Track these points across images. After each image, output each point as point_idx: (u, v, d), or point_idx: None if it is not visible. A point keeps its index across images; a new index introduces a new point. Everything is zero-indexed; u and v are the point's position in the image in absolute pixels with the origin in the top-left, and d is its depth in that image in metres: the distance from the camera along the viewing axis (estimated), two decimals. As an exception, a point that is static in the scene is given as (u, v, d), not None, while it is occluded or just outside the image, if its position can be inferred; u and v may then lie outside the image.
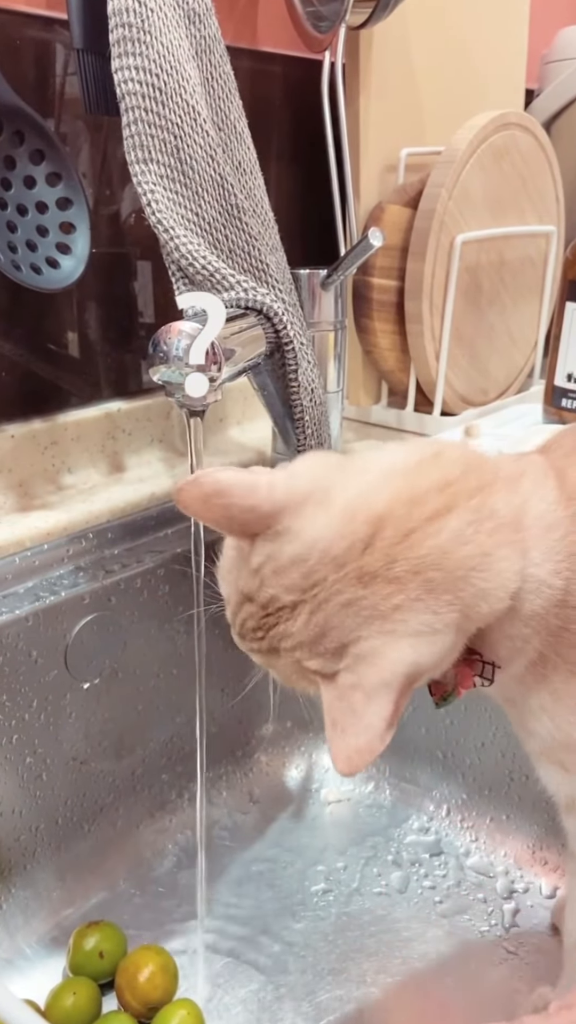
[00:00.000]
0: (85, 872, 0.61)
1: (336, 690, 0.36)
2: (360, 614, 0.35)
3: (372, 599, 0.35)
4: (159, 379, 0.47)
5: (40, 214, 0.57)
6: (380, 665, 0.35)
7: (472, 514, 0.37)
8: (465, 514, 0.37)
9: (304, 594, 0.36)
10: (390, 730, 0.34)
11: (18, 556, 0.59)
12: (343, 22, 0.69)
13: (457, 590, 0.35)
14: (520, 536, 0.37)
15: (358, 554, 0.35)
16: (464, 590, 0.35)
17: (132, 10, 0.50)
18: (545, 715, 0.40)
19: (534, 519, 0.38)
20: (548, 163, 0.87)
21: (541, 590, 0.37)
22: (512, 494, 0.38)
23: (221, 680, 0.70)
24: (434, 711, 0.69)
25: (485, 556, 0.36)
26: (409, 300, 0.78)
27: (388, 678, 0.34)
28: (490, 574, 0.36)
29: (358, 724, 0.35)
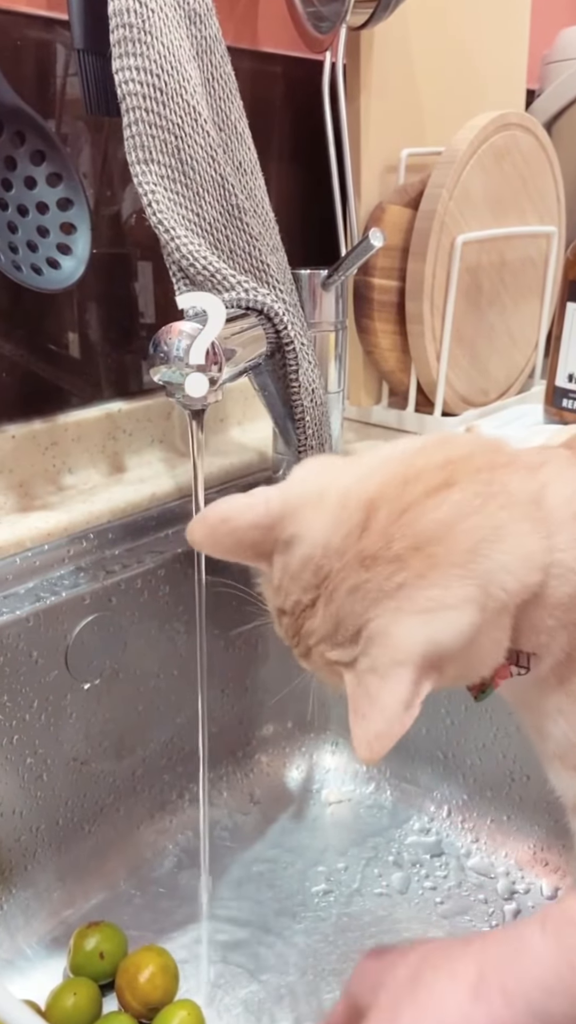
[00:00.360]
0: (86, 873, 0.61)
1: (355, 677, 0.35)
2: (367, 597, 0.35)
3: (376, 580, 0.35)
4: (160, 379, 0.47)
5: (41, 215, 0.57)
6: (390, 644, 0.34)
7: (480, 487, 0.36)
8: (470, 487, 0.36)
9: (317, 590, 0.36)
10: (409, 712, 0.33)
11: (19, 556, 0.59)
12: (344, 22, 0.69)
13: (467, 563, 0.34)
14: (542, 515, 0.36)
15: (356, 539, 0.35)
16: (476, 562, 0.34)
17: (133, 10, 0.50)
18: (561, 717, 0.40)
19: (559, 503, 0.37)
20: (549, 163, 0.87)
21: (567, 576, 0.36)
22: (530, 478, 0.37)
23: (222, 681, 0.70)
24: (435, 711, 0.69)
25: (497, 528, 0.35)
26: (410, 300, 0.78)
27: (400, 656, 0.34)
28: (507, 545, 0.35)
29: (374, 708, 0.34)
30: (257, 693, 0.73)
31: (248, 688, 0.73)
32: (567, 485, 0.38)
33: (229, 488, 0.73)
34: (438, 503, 0.35)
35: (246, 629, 0.56)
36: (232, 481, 0.73)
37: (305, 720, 0.76)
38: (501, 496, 0.36)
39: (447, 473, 0.36)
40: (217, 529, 0.39)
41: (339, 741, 0.75)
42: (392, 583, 0.34)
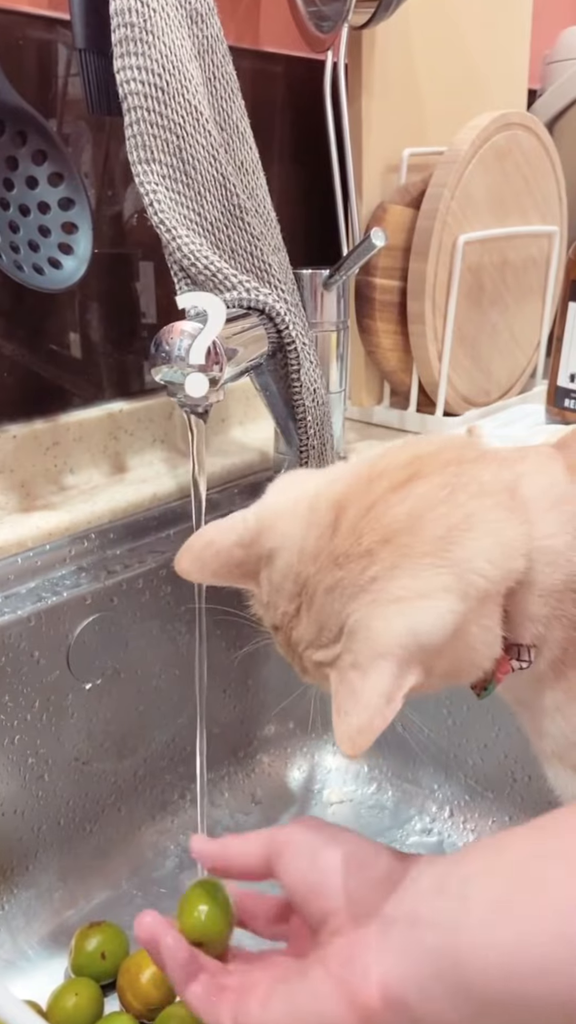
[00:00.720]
0: (87, 873, 0.61)
1: (338, 674, 0.35)
2: (344, 594, 0.35)
3: (350, 577, 0.35)
4: (161, 379, 0.46)
5: (42, 214, 0.57)
6: (369, 636, 0.34)
7: (448, 478, 0.36)
8: (437, 479, 0.36)
9: (299, 597, 0.37)
10: (391, 705, 0.33)
11: (20, 556, 0.59)
12: (345, 22, 0.69)
13: (438, 551, 0.34)
14: (518, 504, 0.36)
15: (328, 540, 0.36)
16: (448, 550, 0.34)
17: (134, 10, 0.50)
18: (559, 714, 0.39)
19: (536, 493, 0.37)
20: (551, 163, 0.87)
21: (557, 562, 0.36)
22: (503, 470, 0.37)
23: (223, 681, 0.70)
24: (437, 712, 0.69)
25: (468, 516, 0.35)
26: (411, 300, 0.78)
27: (380, 649, 0.33)
28: (480, 532, 0.35)
29: (357, 703, 0.33)
30: (259, 693, 0.73)
31: (250, 688, 0.73)
32: (544, 476, 0.37)
33: (231, 488, 0.73)
34: (404, 496, 0.35)
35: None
36: (234, 481, 0.73)
37: (306, 720, 0.76)
38: (471, 486, 0.36)
39: (413, 469, 0.36)
40: (203, 554, 0.39)
41: (341, 741, 0.75)
42: (365, 577, 0.34)
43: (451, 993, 0.29)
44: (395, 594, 0.34)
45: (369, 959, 0.31)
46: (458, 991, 0.28)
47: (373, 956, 0.31)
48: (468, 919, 0.29)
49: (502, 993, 0.28)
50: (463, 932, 0.29)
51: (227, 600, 0.69)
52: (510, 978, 0.27)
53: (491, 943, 0.28)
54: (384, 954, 0.31)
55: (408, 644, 0.33)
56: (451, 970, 0.29)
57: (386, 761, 0.73)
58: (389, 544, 0.34)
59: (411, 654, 0.33)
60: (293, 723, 0.75)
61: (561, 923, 0.27)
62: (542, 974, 0.27)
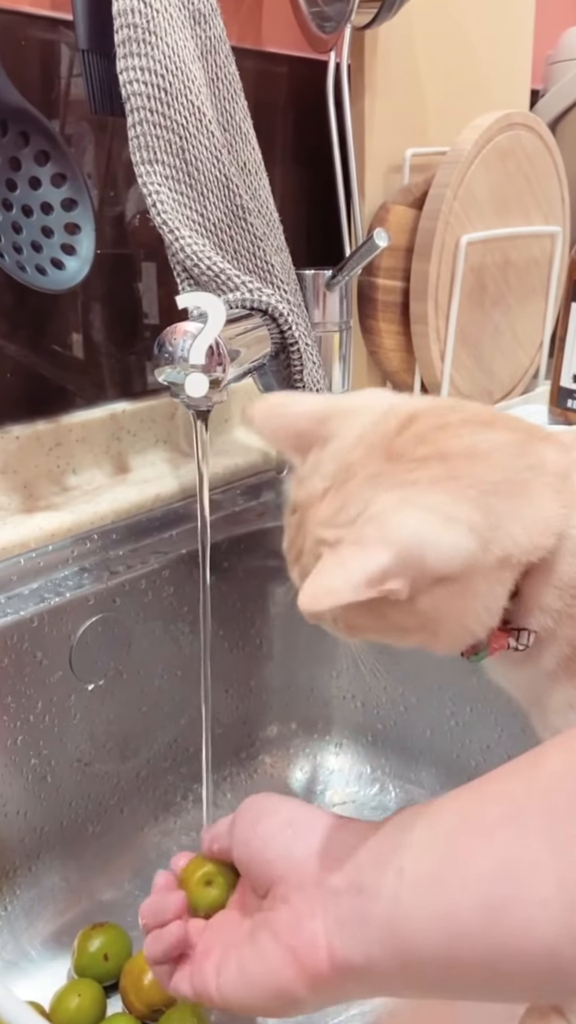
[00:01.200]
0: (90, 874, 0.61)
1: (332, 549, 0.35)
2: (380, 484, 0.35)
3: (394, 472, 0.35)
4: (164, 380, 0.46)
5: (45, 215, 0.57)
6: (382, 524, 0.34)
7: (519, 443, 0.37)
8: (510, 436, 0.37)
9: (335, 478, 0.37)
10: (367, 588, 0.32)
11: (23, 557, 0.59)
12: (348, 22, 0.68)
13: (484, 495, 0.34)
14: (566, 488, 0.37)
15: (389, 438, 0.37)
16: (491, 500, 0.35)
17: (137, 11, 0.50)
18: (572, 712, 0.40)
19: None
20: (553, 163, 0.87)
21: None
22: (564, 454, 0.38)
23: (226, 681, 0.70)
24: (440, 712, 0.69)
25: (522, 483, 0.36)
26: (414, 301, 0.78)
27: (387, 537, 0.33)
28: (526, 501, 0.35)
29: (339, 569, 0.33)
30: (261, 694, 0.73)
31: (252, 689, 0.73)
32: None
33: (233, 489, 0.73)
34: (476, 432, 0.37)
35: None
36: (236, 481, 0.73)
37: (309, 721, 0.75)
38: (534, 460, 0.37)
39: (491, 420, 0.38)
40: (275, 410, 0.41)
41: (343, 742, 0.75)
42: (408, 478, 0.35)
43: (392, 956, 0.31)
44: (426, 503, 0.34)
45: (317, 927, 0.33)
46: (398, 954, 0.31)
47: (320, 924, 0.33)
48: (405, 890, 0.32)
49: (436, 956, 0.30)
50: (401, 902, 0.31)
51: (229, 601, 0.69)
52: (442, 943, 0.30)
53: (425, 913, 0.31)
54: (331, 922, 0.33)
55: (412, 548, 0.33)
56: (392, 937, 0.31)
57: (389, 762, 0.73)
58: (444, 462, 0.35)
59: (409, 559, 0.33)
60: (296, 724, 0.75)
61: (484, 893, 0.30)
62: (469, 938, 0.30)
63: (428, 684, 0.69)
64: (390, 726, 0.72)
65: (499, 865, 0.29)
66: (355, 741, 0.75)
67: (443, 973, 0.31)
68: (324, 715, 0.76)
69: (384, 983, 0.33)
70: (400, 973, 0.32)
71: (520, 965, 0.29)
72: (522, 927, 0.28)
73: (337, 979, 0.33)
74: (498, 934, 0.29)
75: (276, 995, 0.34)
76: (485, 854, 0.30)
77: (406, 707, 0.71)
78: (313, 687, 0.75)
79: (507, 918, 0.29)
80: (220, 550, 0.66)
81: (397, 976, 0.32)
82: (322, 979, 0.33)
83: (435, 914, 0.30)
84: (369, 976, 0.32)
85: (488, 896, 0.29)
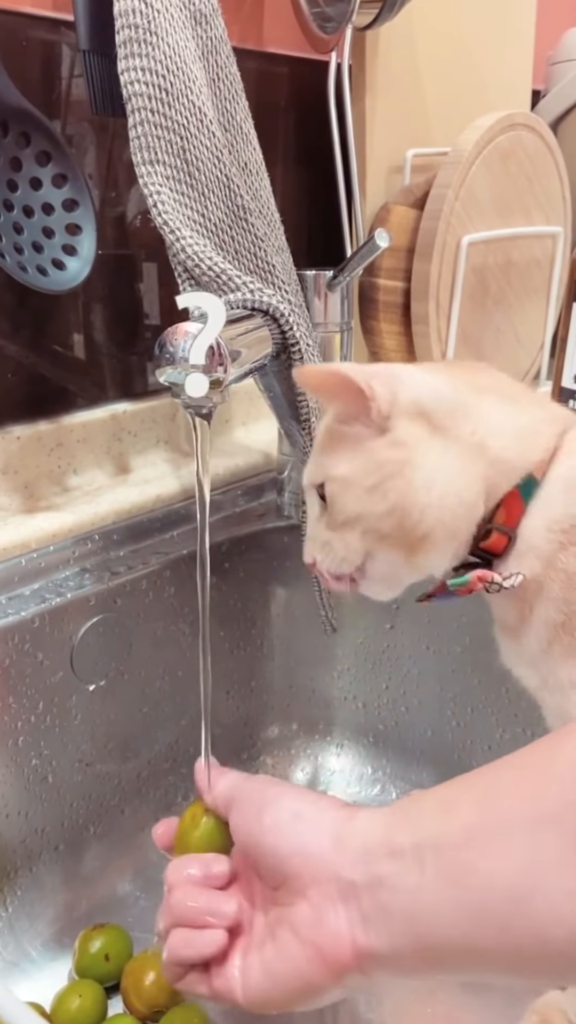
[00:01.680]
0: (90, 874, 0.61)
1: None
2: None
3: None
4: (165, 380, 0.46)
5: (46, 216, 0.57)
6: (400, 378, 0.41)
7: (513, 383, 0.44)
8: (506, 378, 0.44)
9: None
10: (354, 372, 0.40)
11: (24, 558, 0.59)
12: (349, 23, 0.68)
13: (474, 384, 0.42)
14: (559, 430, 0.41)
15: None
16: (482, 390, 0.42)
17: (138, 11, 0.50)
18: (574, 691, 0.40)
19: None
20: (555, 164, 0.87)
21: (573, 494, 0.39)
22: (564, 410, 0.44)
23: (227, 682, 0.70)
24: (441, 713, 0.69)
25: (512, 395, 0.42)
26: (415, 301, 0.78)
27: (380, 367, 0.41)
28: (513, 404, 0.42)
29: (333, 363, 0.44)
30: (262, 695, 0.73)
31: (253, 690, 0.73)
32: None
33: (234, 489, 0.73)
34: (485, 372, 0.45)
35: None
36: (237, 482, 0.73)
37: (310, 722, 0.75)
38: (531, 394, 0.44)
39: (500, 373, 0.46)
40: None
41: (344, 743, 0.75)
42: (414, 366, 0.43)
43: (416, 947, 0.32)
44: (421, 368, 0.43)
45: (339, 922, 0.34)
46: (422, 945, 0.32)
47: (343, 918, 0.34)
48: (428, 882, 0.32)
49: (461, 946, 0.31)
50: (425, 895, 0.32)
51: (230, 602, 0.69)
52: (467, 934, 0.31)
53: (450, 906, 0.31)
54: (353, 916, 0.33)
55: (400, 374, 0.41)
56: (416, 929, 0.32)
57: (390, 763, 0.73)
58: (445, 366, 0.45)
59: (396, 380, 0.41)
60: (297, 725, 0.75)
61: (508, 886, 0.30)
62: (494, 929, 0.30)
63: (429, 685, 0.69)
64: (391, 727, 0.72)
65: (522, 859, 0.30)
66: (356, 742, 0.75)
67: (468, 961, 0.32)
68: (325, 716, 0.75)
69: (409, 970, 0.33)
70: (425, 961, 0.32)
71: (546, 953, 0.30)
72: (548, 917, 0.29)
73: (362, 970, 0.33)
74: (524, 925, 0.29)
75: (303, 990, 0.35)
76: (507, 849, 0.30)
77: (407, 708, 0.71)
78: (314, 688, 0.75)
79: (532, 909, 0.29)
80: (221, 551, 0.66)
81: (422, 963, 0.33)
82: (347, 971, 0.34)
83: (460, 906, 0.31)
84: (394, 964, 0.33)
85: (512, 888, 0.30)
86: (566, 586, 0.39)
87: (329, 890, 0.34)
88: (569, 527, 0.39)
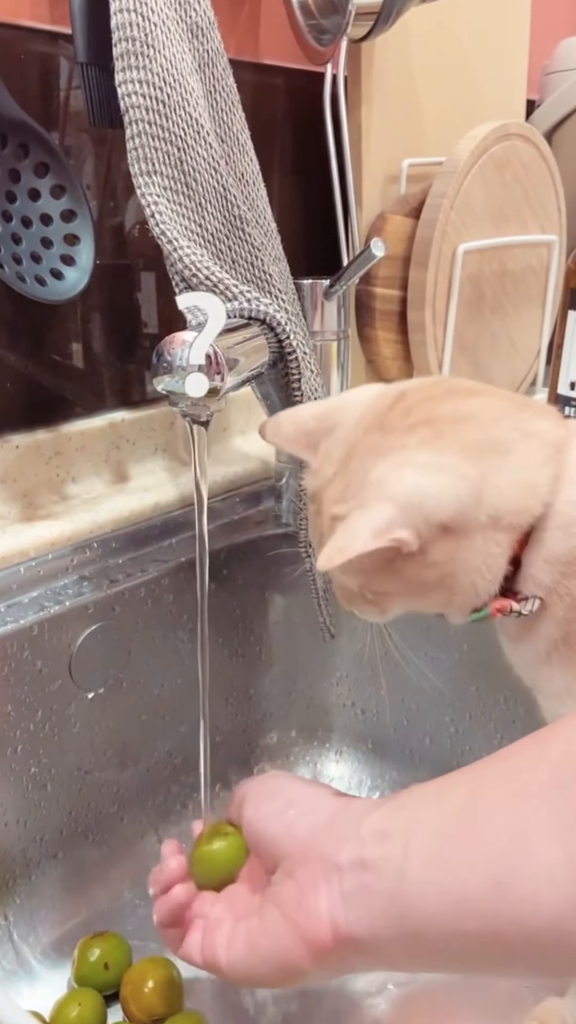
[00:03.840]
0: (90, 883, 0.61)
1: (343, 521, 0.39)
2: (376, 454, 0.39)
3: (387, 442, 0.39)
4: (163, 389, 0.47)
5: (44, 226, 0.58)
6: (379, 484, 0.38)
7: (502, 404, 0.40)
8: (497, 402, 0.40)
9: (341, 461, 0.41)
10: (374, 539, 0.36)
11: (23, 566, 0.59)
12: (345, 35, 0.69)
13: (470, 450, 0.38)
14: (561, 458, 0.39)
15: (382, 414, 0.41)
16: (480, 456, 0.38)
17: (135, 24, 0.50)
18: (571, 699, 0.40)
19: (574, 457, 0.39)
20: (550, 173, 0.87)
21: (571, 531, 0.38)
22: (561, 427, 0.40)
23: (225, 689, 0.70)
24: (439, 719, 0.69)
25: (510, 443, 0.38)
26: (411, 309, 0.78)
27: (385, 494, 0.37)
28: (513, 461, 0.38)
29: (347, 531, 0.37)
30: (261, 702, 0.73)
31: (252, 697, 0.73)
32: None
33: (232, 497, 0.73)
34: (460, 398, 0.40)
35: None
36: (235, 490, 0.74)
37: (309, 729, 0.75)
38: (524, 425, 0.39)
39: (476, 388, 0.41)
40: (282, 418, 0.46)
41: (343, 750, 0.75)
42: (398, 444, 0.39)
43: (397, 931, 0.32)
44: (417, 461, 0.38)
45: (320, 901, 0.34)
46: (403, 929, 0.32)
47: (324, 899, 0.34)
48: (411, 866, 0.32)
49: (441, 931, 0.31)
50: (407, 878, 0.32)
51: (228, 609, 0.69)
52: (448, 918, 0.31)
53: (432, 889, 0.31)
54: (334, 897, 0.34)
55: (411, 499, 0.37)
56: (397, 912, 0.32)
57: (389, 770, 0.73)
58: (430, 425, 0.39)
59: (411, 509, 0.37)
60: (295, 732, 0.75)
61: (492, 869, 0.30)
62: (476, 914, 0.30)
63: (428, 692, 0.69)
64: (390, 734, 0.73)
65: (507, 843, 0.30)
66: (355, 749, 0.75)
67: (448, 947, 0.31)
68: (324, 723, 0.76)
69: (388, 956, 0.33)
70: (404, 947, 0.32)
71: (527, 940, 0.29)
72: (529, 903, 0.29)
73: (341, 952, 0.33)
74: (505, 910, 0.29)
75: (281, 968, 0.35)
76: (492, 832, 0.30)
77: (406, 715, 0.71)
78: (313, 695, 0.75)
79: (514, 894, 0.29)
80: (219, 558, 0.67)
81: (401, 950, 0.32)
82: (326, 952, 0.33)
83: (442, 890, 0.31)
84: (373, 949, 0.33)
85: (495, 874, 0.30)
86: (567, 607, 0.39)
87: (315, 870, 0.35)
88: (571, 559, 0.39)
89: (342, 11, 0.68)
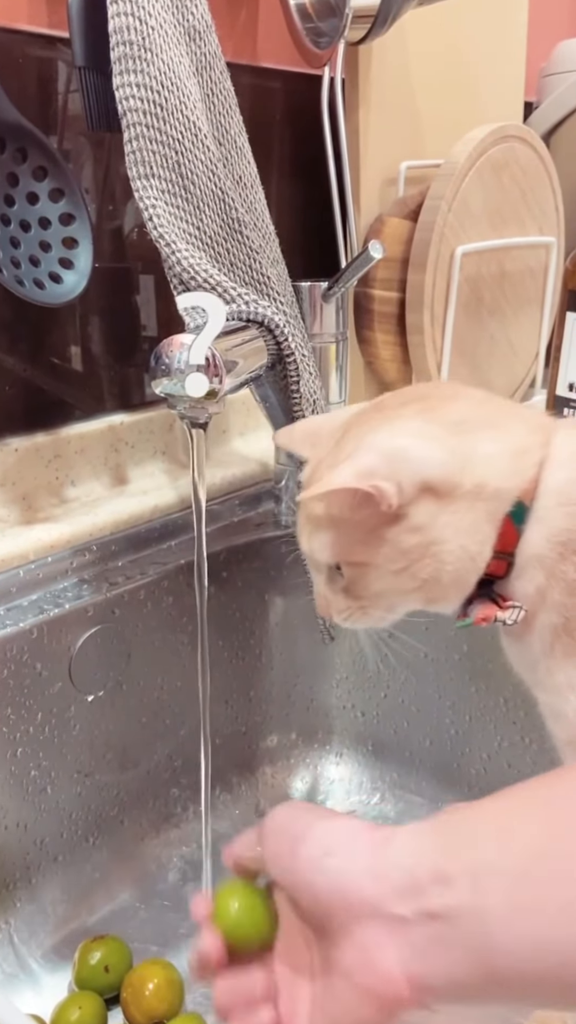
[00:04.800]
0: (90, 886, 0.61)
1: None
2: (368, 428, 0.42)
3: (378, 418, 0.42)
4: (161, 391, 0.47)
5: (43, 230, 0.58)
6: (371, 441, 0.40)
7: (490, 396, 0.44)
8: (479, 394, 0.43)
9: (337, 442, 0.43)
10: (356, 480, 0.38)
11: (22, 569, 0.59)
12: (342, 38, 0.69)
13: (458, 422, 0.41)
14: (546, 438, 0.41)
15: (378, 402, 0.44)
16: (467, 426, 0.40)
17: (133, 28, 0.50)
18: (573, 693, 0.40)
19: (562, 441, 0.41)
20: (547, 175, 0.87)
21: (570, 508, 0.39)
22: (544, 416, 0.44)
23: (225, 692, 0.70)
24: (439, 721, 0.69)
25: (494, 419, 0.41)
26: (410, 312, 0.78)
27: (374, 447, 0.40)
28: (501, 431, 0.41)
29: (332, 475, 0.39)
30: (261, 704, 0.73)
31: (252, 699, 0.73)
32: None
33: (231, 499, 0.73)
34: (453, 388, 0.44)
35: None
36: (234, 492, 0.74)
37: (309, 731, 0.75)
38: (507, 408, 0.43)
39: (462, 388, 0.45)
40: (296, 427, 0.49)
41: (343, 752, 0.75)
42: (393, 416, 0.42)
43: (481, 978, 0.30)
44: (403, 428, 0.41)
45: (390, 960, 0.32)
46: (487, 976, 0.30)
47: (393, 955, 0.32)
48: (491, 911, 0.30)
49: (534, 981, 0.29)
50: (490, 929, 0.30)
51: (228, 611, 0.69)
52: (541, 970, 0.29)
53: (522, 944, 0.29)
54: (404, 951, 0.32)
55: (396, 452, 0.39)
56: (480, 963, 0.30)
57: (389, 772, 0.73)
58: (422, 402, 0.42)
59: (395, 463, 0.39)
60: (296, 734, 0.75)
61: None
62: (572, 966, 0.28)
63: (428, 694, 0.69)
64: (390, 736, 0.73)
65: None
66: (355, 751, 0.75)
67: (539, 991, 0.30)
68: (324, 725, 0.76)
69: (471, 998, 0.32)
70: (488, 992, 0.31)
71: None
72: None
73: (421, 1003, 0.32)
74: None
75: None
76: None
77: (406, 717, 0.71)
78: (313, 697, 0.75)
79: None
80: (219, 560, 0.67)
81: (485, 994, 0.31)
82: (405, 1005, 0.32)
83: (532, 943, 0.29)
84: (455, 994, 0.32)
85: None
86: (565, 592, 0.39)
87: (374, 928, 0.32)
88: (567, 539, 0.39)
89: (339, 14, 0.68)
